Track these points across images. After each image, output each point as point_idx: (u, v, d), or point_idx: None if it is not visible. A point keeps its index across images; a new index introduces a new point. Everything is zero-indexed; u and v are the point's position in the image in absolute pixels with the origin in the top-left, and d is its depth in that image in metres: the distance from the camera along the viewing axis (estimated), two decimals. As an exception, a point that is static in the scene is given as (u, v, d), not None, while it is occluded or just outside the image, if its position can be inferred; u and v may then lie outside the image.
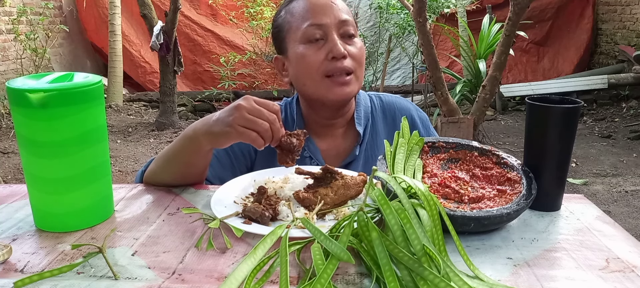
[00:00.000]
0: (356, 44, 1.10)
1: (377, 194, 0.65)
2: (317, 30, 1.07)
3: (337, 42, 1.07)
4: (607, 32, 7.44)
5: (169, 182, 1.00)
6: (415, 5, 3.39)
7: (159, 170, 0.99)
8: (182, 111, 6.14)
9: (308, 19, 1.08)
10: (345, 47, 1.08)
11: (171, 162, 0.98)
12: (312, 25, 1.07)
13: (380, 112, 1.23)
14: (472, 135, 3.64)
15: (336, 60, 1.06)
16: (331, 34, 1.07)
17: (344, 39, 1.09)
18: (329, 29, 1.07)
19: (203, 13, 7.45)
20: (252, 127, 0.85)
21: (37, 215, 0.81)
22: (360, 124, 1.17)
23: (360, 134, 1.17)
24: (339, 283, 0.64)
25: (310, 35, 1.07)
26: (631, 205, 3.47)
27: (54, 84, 0.75)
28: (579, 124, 2.24)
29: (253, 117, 0.85)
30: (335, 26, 1.08)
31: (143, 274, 0.66)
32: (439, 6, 5.88)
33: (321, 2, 1.09)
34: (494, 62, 3.54)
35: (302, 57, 1.09)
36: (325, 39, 1.08)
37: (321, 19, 1.07)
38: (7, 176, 4.06)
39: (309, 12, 1.08)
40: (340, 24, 1.08)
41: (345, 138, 1.19)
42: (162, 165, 0.99)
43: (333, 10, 1.08)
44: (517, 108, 6.50)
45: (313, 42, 1.08)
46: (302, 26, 1.08)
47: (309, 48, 1.08)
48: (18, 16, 5.84)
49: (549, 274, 0.67)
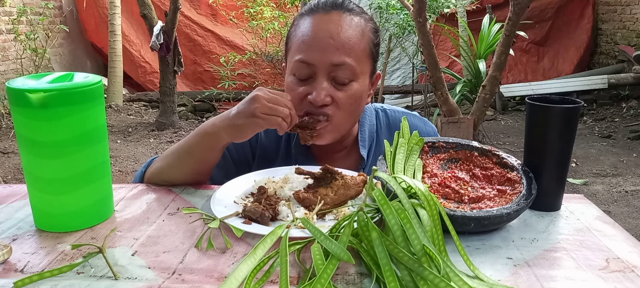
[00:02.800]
0: (348, 90, 0.99)
1: (377, 194, 0.65)
2: (305, 68, 0.99)
3: (322, 86, 0.97)
4: (607, 32, 7.44)
5: (177, 179, 0.99)
6: (415, 5, 3.39)
7: (168, 167, 1.00)
8: (182, 111, 6.14)
9: (301, 52, 0.99)
10: (332, 93, 0.98)
11: (183, 159, 0.99)
12: (301, 62, 0.99)
13: (385, 129, 1.17)
14: (472, 135, 3.64)
15: (314, 106, 0.98)
16: (319, 76, 0.98)
17: (335, 84, 0.99)
18: (318, 70, 0.98)
19: (203, 13, 7.45)
20: (275, 113, 0.90)
21: (37, 215, 0.81)
22: (364, 146, 1.12)
23: (363, 158, 1.11)
24: (339, 283, 0.64)
25: (297, 72, 1.00)
26: (631, 205, 3.47)
27: (54, 84, 0.75)
28: (579, 124, 2.24)
29: (273, 104, 0.90)
30: (326, 68, 0.97)
31: (143, 274, 0.66)
32: (439, 6, 5.87)
33: (320, 34, 0.98)
34: (494, 62, 3.54)
35: (288, 88, 1.03)
36: (314, 79, 0.99)
37: (312, 58, 0.98)
38: (7, 176, 4.06)
39: (304, 43, 0.99)
40: (331, 67, 0.97)
41: (347, 160, 1.13)
42: (172, 162, 1.00)
43: (328, 50, 0.97)
44: (517, 108, 6.50)
45: (301, 80, 1.00)
46: (294, 57, 1.00)
47: (295, 83, 1.01)
48: (18, 16, 5.84)
49: (549, 274, 0.67)
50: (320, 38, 0.98)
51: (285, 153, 1.13)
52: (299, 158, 1.11)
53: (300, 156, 1.11)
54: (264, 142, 1.14)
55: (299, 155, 1.11)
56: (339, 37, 0.98)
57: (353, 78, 1.00)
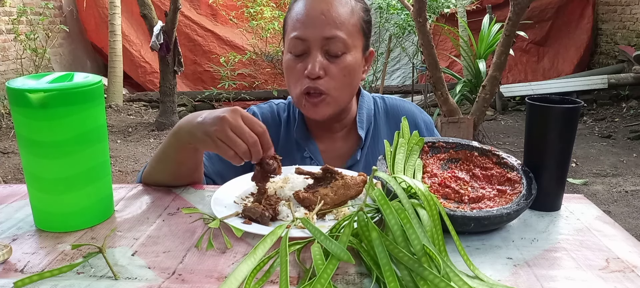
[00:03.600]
0: (341, 63, 1.05)
1: (377, 194, 0.65)
2: (300, 44, 1.04)
3: (316, 60, 1.03)
4: (607, 32, 7.44)
5: (163, 181, 0.99)
6: (415, 5, 3.39)
7: (153, 170, 0.99)
8: (182, 111, 6.14)
9: (295, 30, 1.05)
10: (325, 66, 1.04)
11: (162, 161, 0.97)
12: (296, 38, 1.05)
13: (383, 114, 1.21)
14: (472, 135, 3.64)
15: (310, 79, 1.04)
16: (313, 50, 1.03)
17: (328, 57, 1.04)
18: (312, 44, 1.03)
19: (203, 13, 7.44)
20: (230, 145, 0.82)
21: (37, 215, 0.81)
22: (362, 127, 1.16)
23: (361, 138, 1.15)
24: (339, 283, 0.64)
25: (293, 48, 1.06)
26: (631, 205, 3.47)
27: (54, 84, 0.75)
28: (579, 124, 2.24)
29: (234, 135, 0.82)
30: (319, 42, 1.03)
31: (143, 274, 0.66)
32: (439, 6, 5.88)
33: (312, 12, 1.04)
34: (494, 62, 3.55)
35: (286, 67, 1.09)
36: (308, 53, 1.04)
37: (305, 33, 1.03)
38: (7, 176, 4.06)
39: (298, 21, 1.05)
40: (324, 41, 1.03)
41: (347, 141, 1.18)
42: (154, 165, 0.98)
43: (319, 24, 1.03)
44: (517, 108, 6.50)
45: (297, 56, 1.06)
46: (290, 35, 1.06)
47: (293, 60, 1.07)
48: (18, 16, 5.84)
49: (549, 274, 0.67)
50: (312, 15, 1.04)
51: (285, 136, 1.18)
52: (299, 141, 1.15)
53: (301, 139, 1.16)
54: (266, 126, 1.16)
55: (299, 138, 1.16)
56: (330, 13, 1.04)
57: (345, 50, 1.05)
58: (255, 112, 1.20)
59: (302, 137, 1.16)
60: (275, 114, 1.21)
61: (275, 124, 1.19)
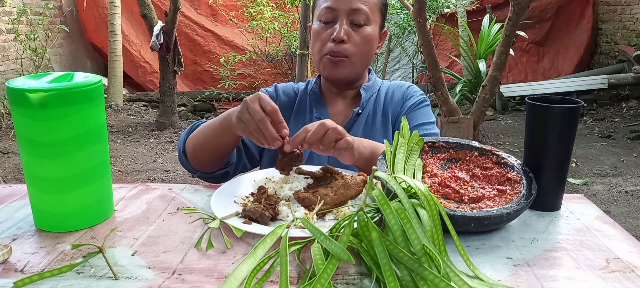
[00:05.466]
0: (362, 32, 1.21)
1: (377, 194, 0.65)
2: (330, 13, 1.21)
3: (342, 26, 1.19)
4: (607, 32, 7.44)
5: (201, 154, 1.10)
6: (415, 5, 3.39)
7: (197, 141, 1.10)
8: (182, 111, 6.14)
9: (327, 1, 1.22)
10: (349, 33, 1.20)
11: (207, 136, 1.08)
12: (327, 8, 1.21)
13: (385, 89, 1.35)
14: (472, 135, 3.64)
15: (335, 42, 1.20)
16: (340, 19, 1.20)
17: (352, 26, 1.21)
18: (340, 14, 1.20)
19: (203, 13, 7.44)
20: (246, 124, 0.92)
21: (37, 215, 0.81)
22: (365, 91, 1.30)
23: (361, 96, 1.28)
24: (339, 283, 0.64)
25: (323, 16, 1.22)
26: (631, 205, 3.47)
27: (54, 84, 0.75)
28: (579, 124, 2.24)
29: (248, 115, 0.91)
30: (346, 13, 1.20)
31: (143, 274, 0.66)
32: (439, 6, 5.88)
33: None
34: (494, 62, 3.54)
35: (315, 33, 1.25)
36: (335, 22, 1.21)
37: (336, 4, 1.20)
38: (7, 176, 4.06)
39: None
40: (351, 11, 1.20)
41: (353, 105, 1.32)
42: (199, 138, 1.09)
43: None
44: (517, 108, 6.49)
45: (326, 23, 1.22)
46: (321, 5, 1.23)
47: (321, 27, 1.23)
48: (18, 16, 5.83)
49: (549, 274, 0.67)
50: None
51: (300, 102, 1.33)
52: (312, 104, 1.31)
53: (313, 102, 1.31)
54: (283, 99, 1.33)
55: (312, 101, 1.31)
56: None
57: (367, 22, 1.22)
58: (276, 86, 1.37)
59: (314, 99, 1.31)
60: (294, 87, 1.39)
61: (293, 92, 1.37)
